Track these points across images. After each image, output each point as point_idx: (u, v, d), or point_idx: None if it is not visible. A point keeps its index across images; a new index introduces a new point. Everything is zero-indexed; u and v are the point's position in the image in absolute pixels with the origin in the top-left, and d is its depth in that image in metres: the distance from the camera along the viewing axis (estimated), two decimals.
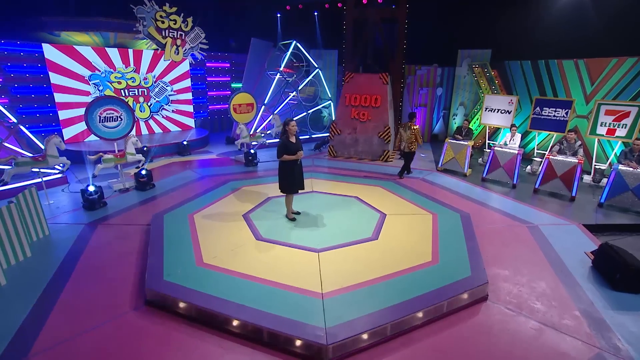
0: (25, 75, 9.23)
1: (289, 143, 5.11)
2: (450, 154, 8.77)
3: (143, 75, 10.73)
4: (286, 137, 5.12)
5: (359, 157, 10.23)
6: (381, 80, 9.97)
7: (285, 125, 5.14)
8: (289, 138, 5.13)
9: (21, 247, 4.63)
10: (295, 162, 5.20)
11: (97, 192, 6.13)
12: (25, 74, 9.24)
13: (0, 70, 8.96)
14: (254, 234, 4.96)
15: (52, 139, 6.35)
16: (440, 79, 12.37)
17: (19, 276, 4.24)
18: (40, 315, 3.54)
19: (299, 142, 5.27)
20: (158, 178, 7.93)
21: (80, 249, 4.88)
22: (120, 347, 3.14)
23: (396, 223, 5.42)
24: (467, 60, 11.69)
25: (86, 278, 4.20)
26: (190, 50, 8.83)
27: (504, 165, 7.97)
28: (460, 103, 12.17)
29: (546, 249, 5.09)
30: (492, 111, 9.90)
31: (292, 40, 11.51)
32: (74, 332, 3.30)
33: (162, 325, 3.44)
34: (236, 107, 9.53)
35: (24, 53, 9.09)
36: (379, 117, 9.91)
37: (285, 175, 5.26)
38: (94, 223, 5.66)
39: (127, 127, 7.16)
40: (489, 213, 6.36)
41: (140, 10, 7.79)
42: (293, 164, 5.20)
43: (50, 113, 9.68)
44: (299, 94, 12.11)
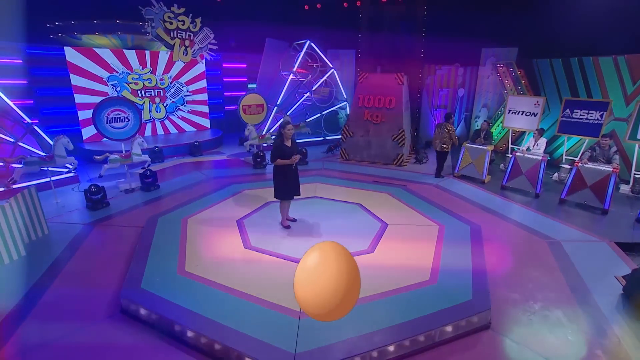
0: (48, 77, 9.61)
1: (284, 147, 4.86)
2: (467, 159, 8.19)
3: (159, 76, 10.90)
4: (281, 141, 4.89)
5: (371, 161, 9.84)
6: (396, 81, 9.53)
7: (281, 128, 4.91)
8: (284, 141, 4.89)
9: (15, 246, 4.68)
10: (290, 167, 4.95)
11: (99, 192, 6.17)
12: (49, 75, 9.61)
13: (26, 72, 9.37)
14: (243, 242, 4.76)
15: (60, 139, 6.48)
16: (462, 79, 11.69)
17: (6, 277, 4.27)
18: (15, 319, 3.50)
19: (296, 146, 5.03)
20: (166, 179, 7.96)
21: (73, 250, 4.88)
22: (84, 359, 3.01)
23: (397, 234, 5.04)
24: (491, 59, 10.96)
25: (70, 282, 4.16)
26: (199, 50, 8.82)
27: (525, 173, 7.31)
28: (483, 105, 11.44)
29: (567, 269, 4.52)
30: (515, 113, 9.17)
31: (306, 40, 11.28)
32: (44, 340, 3.22)
33: (132, 336, 3.29)
34: (246, 108, 9.43)
35: (48, 56, 9.46)
36: (393, 119, 9.47)
37: (279, 180, 5.03)
38: (93, 223, 5.70)
39: (134, 128, 7.21)
40: (504, 225, 5.81)
41: (148, 12, 7.86)
42: (288, 169, 4.96)
43: (71, 113, 10.02)
44: (313, 94, 11.87)
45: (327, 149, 10.97)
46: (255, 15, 11.84)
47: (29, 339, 3.21)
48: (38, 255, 4.75)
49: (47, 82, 9.63)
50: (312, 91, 11.78)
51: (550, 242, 5.26)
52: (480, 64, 11.36)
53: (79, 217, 5.92)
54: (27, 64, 9.24)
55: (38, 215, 5.26)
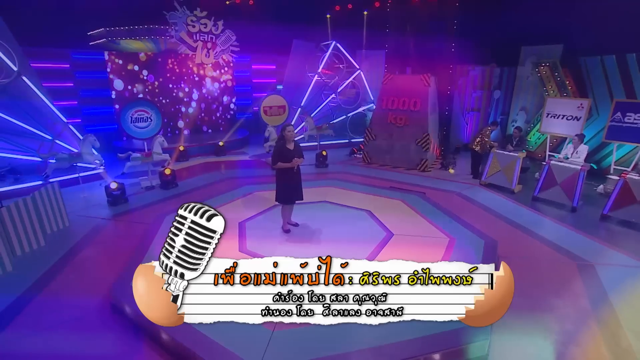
0: (90, 80, 10.37)
1: (285, 150, 4.75)
2: (495, 166, 7.55)
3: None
4: (282, 143, 4.78)
5: (394, 166, 9.44)
6: (422, 82, 9.06)
7: (282, 130, 4.81)
8: (285, 144, 4.78)
9: (35, 237, 5.03)
10: (292, 171, 4.83)
11: (119, 188, 6.49)
12: (91, 78, 10.38)
13: (72, 76, 10.20)
14: (239, 245, 4.72)
15: (87, 138, 6.92)
16: (499, 80, 10.88)
17: (25, 264, 4.58)
18: (18, 305, 3.72)
19: (299, 149, 4.89)
20: (186, 177, 8.22)
21: (86, 243, 5.15)
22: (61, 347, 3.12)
23: (401, 245, 4.71)
24: (532, 58, 10.07)
25: (75, 273, 4.37)
26: (221, 52, 9.01)
27: (561, 183, 6.57)
28: (522, 108, 10.55)
29: (597, 299, 3.92)
30: (555, 117, 8.31)
31: (332, 41, 11.13)
32: (37, 328, 3.38)
33: (113, 332, 3.36)
34: (267, 110, 9.48)
35: (90, 60, 10.22)
36: (418, 122, 9.01)
37: (281, 184, 4.92)
38: (110, 218, 5.99)
39: (156, 127, 7.52)
40: (528, 241, 5.23)
41: (172, 16, 8.18)
42: (290, 173, 4.84)
43: (110, 113, 10.74)
44: (338, 96, 11.69)
45: (350, 152, 10.73)
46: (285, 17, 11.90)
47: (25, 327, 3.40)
48: (55, 246, 5.06)
49: (89, 84, 10.39)
50: (337, 92, 11.60)
51: (581, 264, 4.63)
52: (519, 64, 10.50)
53: (98, 212, 6.25)
54: (72, 68, 10.05)
55: (60, 208, 5.62)
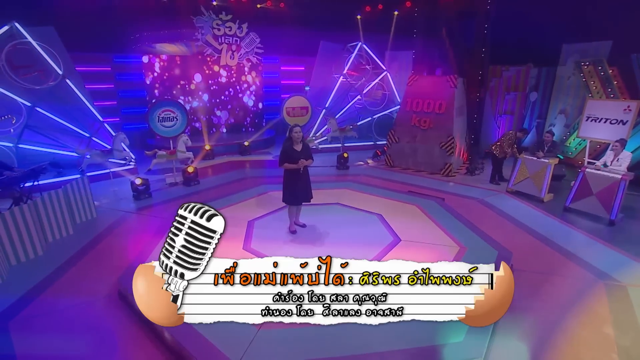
0: (129, 82, 11.10)
1: (292, 151, 4.77)
2: (524, 172, 7.05)
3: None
4: (289, 144, 4.81)
5: (416, 169, 9.15)
6: (449, 84, 8.70)
7: (289, 131, 4.84)
8: (292, 145, 4.80)
9: (65, 225, 5.47)
10: (298, 172, 4.84)
11: (143, 184, 6.88)
12: (129, 80, 11.10)
13: (113, 78, 10.98)
14: (244, 243, 4.81)
15: (118, 136, 7.41)
16: (536, 81, 10.16)
17: (54, 250, 4.99)
18: (42, 286, 4.09)
19: (308, 150, 4.89)
20: (208, 175, 8.53)
21: (108, 233, 5.51)
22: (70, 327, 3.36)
23: (406, 252, 4.54)
24: (574, 57, 9.30)
25: (94, 261, 4.69)
26: (245, 54, 9.25)
27: (597, 193, 5.99)
28: (561, 111, 9.77)
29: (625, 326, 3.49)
30: (596, 121, 7.58)
31: (358, 42, 11.02)
32: (53, 308, 3.68)
33: (113, 318, 3.56)
34: (289, 110, 9.59)
35: (129, 63, 10.93)
36: (442, 125, 8.66)
37: (287, 185, 4.95)
38: (133, 212, 6.36)
39: (182, 126, 7.87)
40: (550, 255, 4.83)
41: (199, 20, 8.51)
42: (296, 174, 4.85)
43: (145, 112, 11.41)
44: (364, 97, 11.55)
45: (373, 154, 10.57)
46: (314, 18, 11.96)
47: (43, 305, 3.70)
48: (81, 235, 5.46)
49: (128, 85, 11.12)
50: (363, 94, 11.46)
51: (611, 284, 4.19)
52: (560, 63, 9.73)
53: (124, 205, 6.67)
54: (113, 71, 10.81)
55: (88, 200, 6.07)
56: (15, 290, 4.00)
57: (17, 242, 4.64)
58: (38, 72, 7.37)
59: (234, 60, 9.45)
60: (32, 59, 7.36)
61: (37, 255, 4.84)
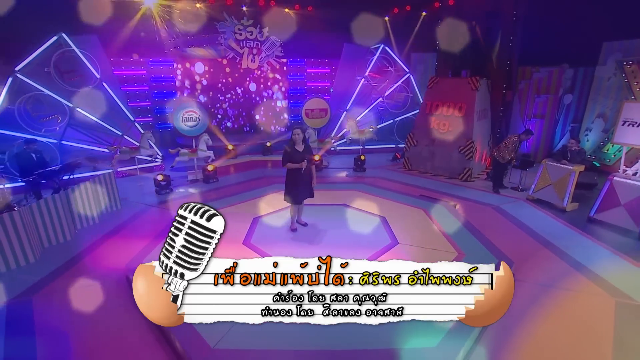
0: (161, 84, 11.87)
1: (294, 151, 4.92)
2: (546, 179, 6.65)
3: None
4: (291, 145, 4.96)
5: (434, 173, 8.93)
6: (470, 86, 8.41)
7: (292, 133, 5.00)
8: (294, 146, 4.95)
9: (92, 214, 6.02)
10: (299, 171, 4.98)
11: (165, 180, 7.37)
12: (162, 82, 11.86)
13: (148, 80, 11.79)
14: (245, 238, 5.02)
15: (144, 134, 7.99)
16: (571, 82, 9.50)
17: (80, 236, 5.53)
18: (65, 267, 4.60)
19: (308, 151, 5.02)
20: (228, 173, 8.93)
21: (128, 223, 5.99)
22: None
23: (400, 255, 4.48)
24: (616, 55, 8.59)
25: (111, 248, 5.12)
26: (265, 58, 9.55)
27: (626, 204, 5.52)
28: (599, 114, 9.05)
29: (626, 345, 3.26)
30: (634, 125, 6.95)
31: (380, 45, 10.96)
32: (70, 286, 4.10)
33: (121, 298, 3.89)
34: (308, 112, 9.75)
35: (162, 67, 11.69)
36: (462, 128, 8.38)
37: (289, 184, 5.11)
38: (153, 205, 6.84)
39: (203, 127, 8.31)
40: (561, 268, 4.53)
41: (221, 26, 8.93)
42: (297, 173, 4.99)
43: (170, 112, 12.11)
44: (386, 100, 11.45)
45: (393, 157, 10.45)
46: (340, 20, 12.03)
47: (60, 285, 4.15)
48: (104, 224, 5.98)
49: (160, 87, 11.88)
50: (384, 96, 11.37)
51: (625, 303, 3.87)
52: (599, 63, 9.03)
53: (146, 199, 7.17)
54: (148, 74, 11.62)
55: (114, 193, 6.61)
56: (42, 269, 4.50)
57: (50, 228, 5.20)
58: (80, 76, 8.16)
59: (254, 63, 9.81)
60: (75, 64, 8.16)
61: (66, 240, 5.39)
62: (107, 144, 8.44)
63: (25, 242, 4.67)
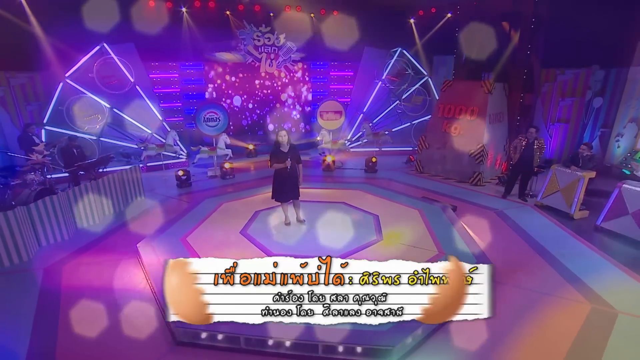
0: (191, 86, 12.79)
1: (279, 152, 5.25)
2: (554, 185, 6.43)
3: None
4: (277, 146, 5.29)
5: (445, 177, 8.86)
6: (482, 88, 8.27)
7: (276, 134, 5.36)
8: (279, 147, 5.28)
9: (119, 203, 6.81)
10: (285, 171, 5.27)
11: (185, 175, 8.06)
12: (191, 84, 12.78)
13: (179, 83, 12.77)
14: (244, 227, 5.50)
15: (170, 133, 8.78)
16: (602, 85, 8.96)
17: (107, 221, 6.30)
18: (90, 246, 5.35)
19: (295, 152, 5.32)
20: (246, 171, 9.53)
21: (148, 212, 6.70)
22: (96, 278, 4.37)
23: (379, 250, 4.68)
24: None
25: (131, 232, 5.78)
26: (282, 62, 10.03)
27: (633, 213, 5.25)
28: (632, 119, 8.46)
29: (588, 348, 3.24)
30: None
31: (398, 48, 11.02)
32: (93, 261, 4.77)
33: (129, 274, 4.47)
34: (323, 113, 10.07)
35: (192, 70, 12.60)
36: (473, 132, 8.26)
37: (275, 183, 5.47)
38: (173, 197, 7.54)
39: (223, 126, 8.96)
40: (549, 275, 4.46)
41: (241, 33, 9.52)
42: (283, 173, 5.29)
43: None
44: (403, 103, 11.47)
45: (407, 160, 10.46)
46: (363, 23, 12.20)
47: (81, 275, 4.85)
48: (127, 213, 6.71)
49: (190, 89, 12.80)
50: (402, 99, 11.40)
51: (597, 308, 3.78)
52: (633, 64, 8.45)
53: (168, 191, 7.90)
54: (179, 77, 12.59)
55: (138, 184, 7.39)
56: (72, 246, 5.29)
57: (82, 211, 6.01)
58: (117, 80, 9.16)
59: (272, 67, 10.34)
60: (114, 70, 9.17)
61: (96, 222, 6.19)
62: (139, 141, 9.37)
63: (62, 222, 5.52)
